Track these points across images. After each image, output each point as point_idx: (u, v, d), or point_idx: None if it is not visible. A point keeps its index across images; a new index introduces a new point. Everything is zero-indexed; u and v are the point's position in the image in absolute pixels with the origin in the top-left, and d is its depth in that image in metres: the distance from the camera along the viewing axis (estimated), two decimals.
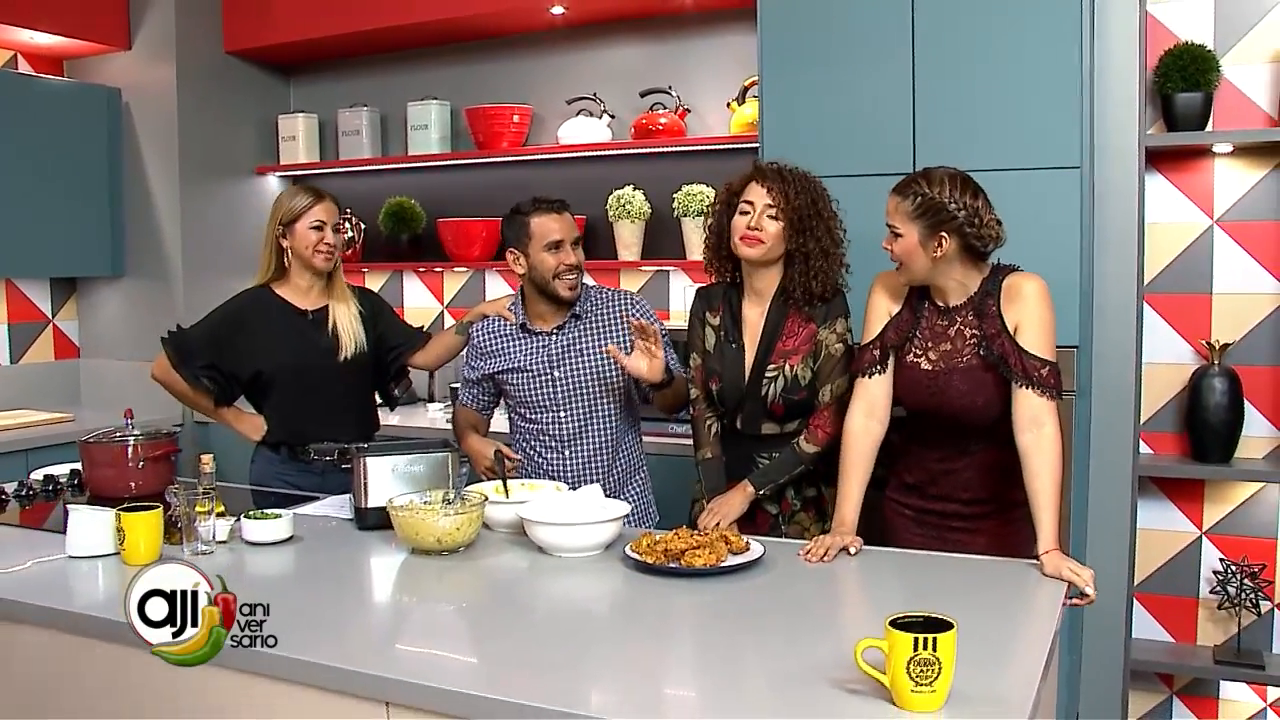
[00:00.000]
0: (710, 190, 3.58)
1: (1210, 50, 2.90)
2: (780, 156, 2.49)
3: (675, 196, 3.67)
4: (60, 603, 1.82)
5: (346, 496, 2.47)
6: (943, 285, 2.16)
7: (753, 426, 2.43)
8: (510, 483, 2.39)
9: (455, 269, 4.21)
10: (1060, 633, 1.80)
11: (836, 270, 2.38)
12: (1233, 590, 2.94)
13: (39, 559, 2.04)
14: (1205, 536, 3.09)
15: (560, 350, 2.59)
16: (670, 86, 3.76)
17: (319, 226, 2.70)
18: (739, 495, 2.37)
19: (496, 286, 4.18)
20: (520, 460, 2.55)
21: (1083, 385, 2.82)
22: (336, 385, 2.75)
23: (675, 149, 3.71)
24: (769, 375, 2.39)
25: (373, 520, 2.25)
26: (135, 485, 2.52)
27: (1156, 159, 3.04)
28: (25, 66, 4.19)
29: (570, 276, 2.55)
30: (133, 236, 4.25)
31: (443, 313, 4.29)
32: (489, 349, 2.66)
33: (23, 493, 2.62)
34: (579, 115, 3.87)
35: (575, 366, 2.58)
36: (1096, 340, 2.96)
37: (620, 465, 2.66)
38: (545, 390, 2.59)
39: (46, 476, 2.71)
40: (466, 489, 2.29)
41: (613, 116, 3.86)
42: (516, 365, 2.61)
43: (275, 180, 4.51)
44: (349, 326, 2.75)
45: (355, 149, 4.29)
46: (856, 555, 2.06)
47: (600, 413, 2.60)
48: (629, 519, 2.48)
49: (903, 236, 2.11)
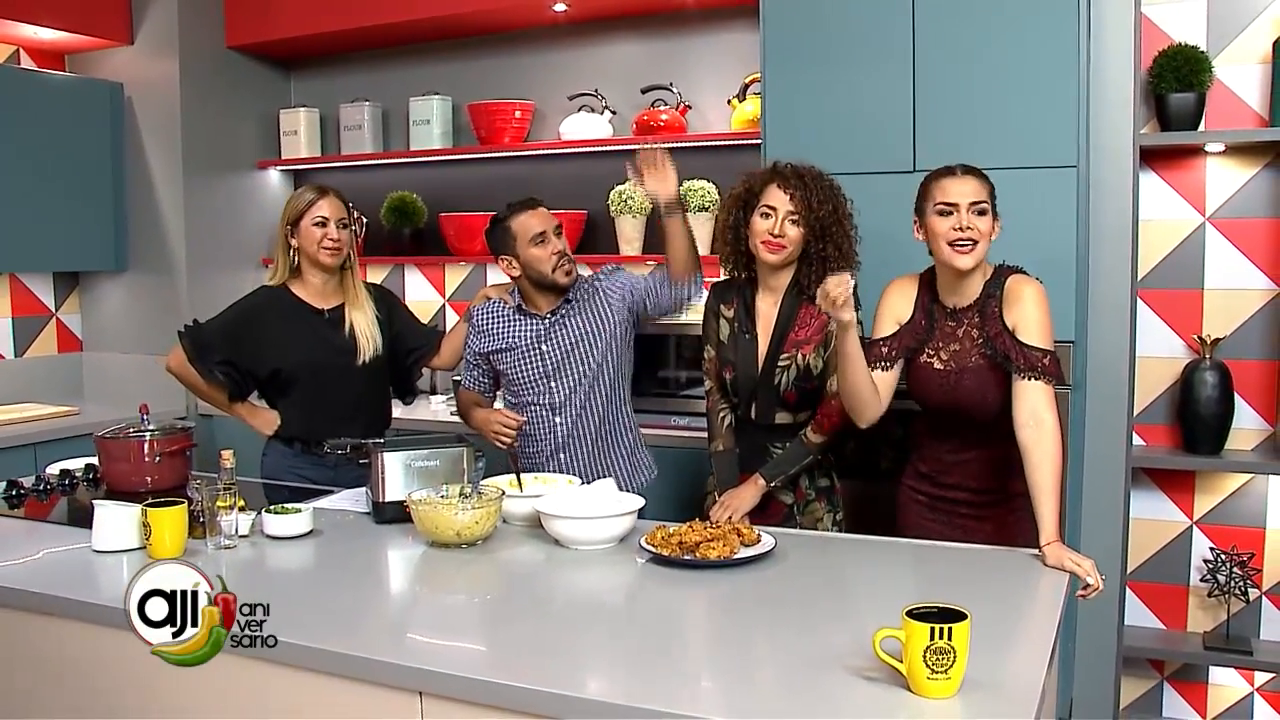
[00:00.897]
0: (711, 186, 3.63)
1: (1203, 51, 2.95)
2: (782, 154, 2.53)
3: None
4: (88, 596, 1.86)
5: (362, 490, 2.51)
6: (968, 279, 2.21)
7: (766, 416, 2.49)
8: (524, 476, 2.43)
9: (457, 263, 4.24)
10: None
11: (850, 267, 2.43)
12: (1222, 578, 3.01)
13: (49, 549, 2.12)
14: (1196, 526, 3.16)
15: (549, 328, 2.67)
16: (671, 83, 3.79)
17: (321, 223, 2.72)
18: (750, 488, 2.44)
19: (497, 280, 4.20)
20: (523, 421, 2.60)
21: (1078, 379, 2.89)
22: (354, 384, 2.77)
23: (676, 145, 3.72)
24: (782, 364, 2.45)
25: (390, 514, 2.29)
26: (152, 480, 2.56)
27: (1150, 158, 3.09)
28: (28, 61, 4.19)
29: (565, 264, 2.63)
30: (135, 231, 4.26)
31: (444, 306, 4.33)
32: (485, 329, 2.74)
33: (40, 487, 2.65)
34: (580, 111, 3.91)
35: (562, 341, 2.66)
36: (1091, 335, 3.02)
37: (608, 428, 2.72)
38: (535, 365, 2.67)
39: (63, 471, 2.74)
40: (482, 483, 2.33)
41: (614, 113, 3.89)
42: (508, 345, 2.69)
43: (277, 175, 4.53)
44: (366, 330, 2.77)
45: (357, 144, 4.31)
46: (866, 547, 2.11)
47: (586, 382, 2.66)
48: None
49: (986, 215, 2.18)
